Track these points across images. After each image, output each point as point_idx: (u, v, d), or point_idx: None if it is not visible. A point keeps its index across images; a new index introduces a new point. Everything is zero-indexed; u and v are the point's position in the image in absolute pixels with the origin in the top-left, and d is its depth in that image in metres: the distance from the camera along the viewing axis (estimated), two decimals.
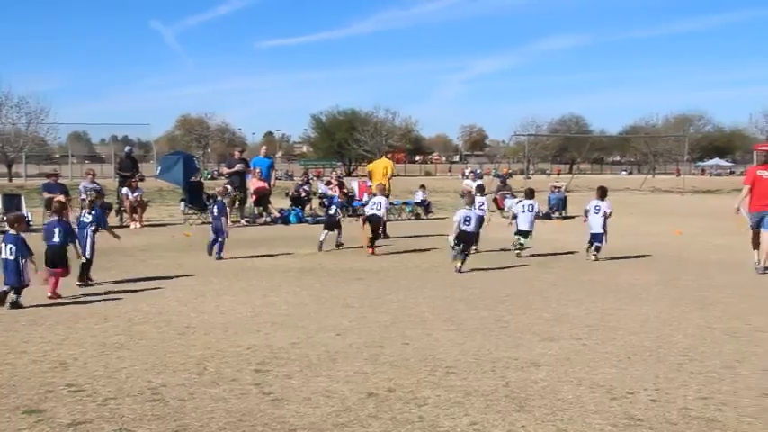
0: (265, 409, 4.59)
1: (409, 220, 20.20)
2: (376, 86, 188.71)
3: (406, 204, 21.31)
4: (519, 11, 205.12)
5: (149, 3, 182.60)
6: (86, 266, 9.15)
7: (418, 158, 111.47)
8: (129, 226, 17.07)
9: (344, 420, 4.41)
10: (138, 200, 17.72)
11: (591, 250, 11.67)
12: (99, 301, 8.10)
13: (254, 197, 18.81)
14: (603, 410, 4.61)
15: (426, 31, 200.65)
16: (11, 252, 7.62)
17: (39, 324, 6.96)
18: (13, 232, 7.88)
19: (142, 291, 8.76)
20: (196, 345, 6.20)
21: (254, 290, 8.88)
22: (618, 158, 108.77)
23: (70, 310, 7.67)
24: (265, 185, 18.86)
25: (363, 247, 12.44)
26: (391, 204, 17.48)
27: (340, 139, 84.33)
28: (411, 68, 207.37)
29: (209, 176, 52.97)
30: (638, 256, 12.23)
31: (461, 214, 10.58)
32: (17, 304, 7.60)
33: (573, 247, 12.99)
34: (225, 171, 20.64)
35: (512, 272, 10.64)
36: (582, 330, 6.81)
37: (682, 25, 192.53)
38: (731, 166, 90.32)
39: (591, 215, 11.78)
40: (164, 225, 17.91)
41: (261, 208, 18.91)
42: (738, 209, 11.09)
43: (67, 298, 8.19)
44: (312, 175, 28.39)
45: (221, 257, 11.47)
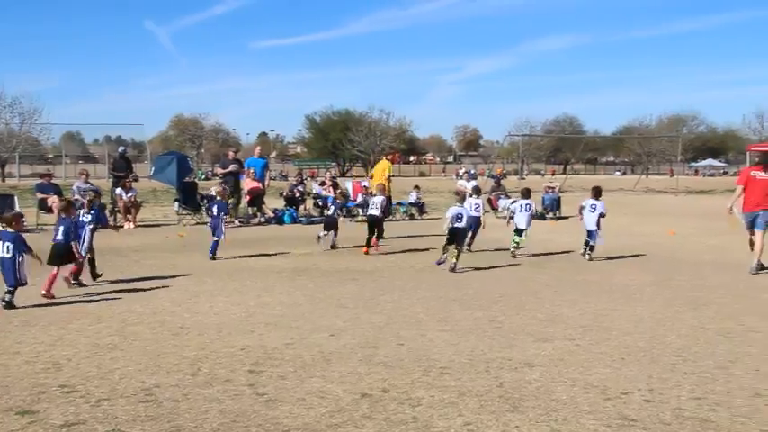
0: (259, 410, 4.59)
1: (403, 220, 20.20)
2: (371, 87, 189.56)
3: (400, 205, 21.31)
4: (517, 11, 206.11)
5: (144, 3, 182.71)
6: (91, 263, 9.33)
7: (412, 159, 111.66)
8: (122, 226, 17.00)
9: (338, 421, 4.41)
10: (132, 200, 17.65)
11: (586, 250, 11.70)
12: (92, 302, 8.07)
13: (249, 197, 18.80)
14: (597, 411, 4.62)
15: (422, 32, 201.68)
16: (8, 250, 7.58)
17: (32, 325, 6.93)
18: (10, 230, 7.84)
19: (136, 291, 8.73)
20: (190, 345, 6.19)
21: (248, 290, 8.86)
22: (612, 159, 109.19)
23: (64, 310, 7.63)
24: (259, 186, 18.88)
25: (373, 248, 12.53)
26: (393, 204, 17.80)
27: (334, 139, 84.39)
28: (406, 69, 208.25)
29: (203, 177, 52.99)
30: (631, 256, 12.27)
31: (453, 211, 10.63)
32: (10, 305, 7.56)
33: (567, 247, 13.03)
34: (219, 171, 20.62)
35: (506, 272, 10.66)
36: (576, 331, 6.83)
37: (680, 25, 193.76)
38: (724, 166, 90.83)
39: (586, 213, 11.80)
40: (157, 226, 17.85)
41: (255, 208, 18.91)
42: (731, 209, 11.15)
43: (61, 298, 8.16)
44: (306, 176, 28.38)
45: (215, 257, 11.46)
